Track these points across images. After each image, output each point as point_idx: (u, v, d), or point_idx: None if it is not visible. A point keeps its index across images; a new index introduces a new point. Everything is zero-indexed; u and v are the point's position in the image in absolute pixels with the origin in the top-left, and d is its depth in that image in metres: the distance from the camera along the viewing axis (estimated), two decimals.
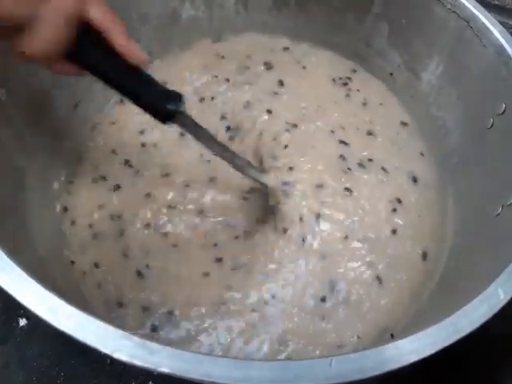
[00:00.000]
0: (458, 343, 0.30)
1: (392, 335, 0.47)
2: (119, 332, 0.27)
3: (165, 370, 0.27)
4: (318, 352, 0.46)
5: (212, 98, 0.64)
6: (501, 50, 0.50)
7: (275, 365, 0.27)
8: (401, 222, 0.56)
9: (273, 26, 0.72)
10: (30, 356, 0.54)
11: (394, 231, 0.55)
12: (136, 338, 0.27)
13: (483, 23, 0.52)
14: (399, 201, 0.57)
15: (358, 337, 0.48)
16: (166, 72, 0.64)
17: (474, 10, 0.53)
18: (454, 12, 0.54)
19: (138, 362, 0.26)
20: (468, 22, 0.53)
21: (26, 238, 0.47)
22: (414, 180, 0.59)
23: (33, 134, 0.52)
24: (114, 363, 0.53)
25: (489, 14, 0.52)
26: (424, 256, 0.54)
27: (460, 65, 0.56)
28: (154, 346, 0.27)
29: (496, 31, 0.51)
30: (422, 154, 0.62)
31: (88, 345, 0.27)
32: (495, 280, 0.34)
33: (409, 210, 0.57)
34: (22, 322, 0.56)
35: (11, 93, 0.47)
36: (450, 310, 0.40)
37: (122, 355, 0.26)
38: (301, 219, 0.52)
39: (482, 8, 0.53)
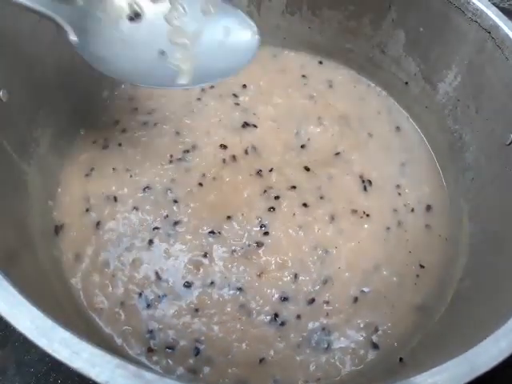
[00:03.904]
0: None
1: (401, 359, 0.46)
2: (114, 360, 0.25)
3: None
4: None
5: None
6: None
7: None
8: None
9: (285, 29, 0.70)
10: (27, 361, 0.53)
11: (409, 252, 0.54)
12: (132, 367, 0.25)
13: (506, 34, 0.50)
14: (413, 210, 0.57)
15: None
16: None
17: (497, 20, 0.50)
18: (476, 22, 0.52)
19: None
20: (490, 33, 0.51)
21: (26, 244, 0.45)
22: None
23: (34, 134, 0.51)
24: None
25: None
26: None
27: (480, 76, 0.54)
28: (151, 376, 0.25)
29: None
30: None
31: (80, 373, 0.25)
32: None
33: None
34: None
35: (12, 93, 0.46)
36: (463, 336, 0.39)
37: None
38: None
39: (505, 17, 0.51)
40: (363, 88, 0.69)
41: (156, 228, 0.53)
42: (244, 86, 0.66)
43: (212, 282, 0.50)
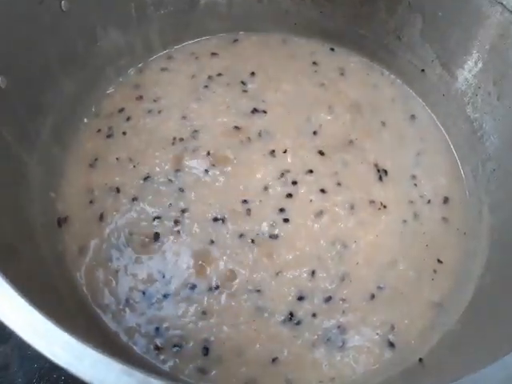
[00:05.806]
0: None
1: (421, 359, 0.43)
2: (119, 366, 0.23)
3: None
4: None
5: None
6: None
7: None
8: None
9: (295, 14, 0.67)
10: (30, 357, 0.52)
11: (426, 245, 0.52)
12: (138, 374, 0.23)
13: None
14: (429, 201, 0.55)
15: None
16: None
17: None
18: (500, 3, 0.49)
19: None
20: None
21: (27, 238, 0.44)
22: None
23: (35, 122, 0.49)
24: None
25: None
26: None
27: (502, 62, 0.51)
28: (158, 383, 0.23)
29: None
30: None
31: (84, 380, 0.23)
32: None
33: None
34: None
35: (11, 80, 0.44)
36: (486, 337, 0.37)
37: None
38: None
39: None
40: (376, 76, 0.66)
41: (157, 218, 0.51)
42: (252, 73, 0.64)
43: (223, 283, 0.48)
